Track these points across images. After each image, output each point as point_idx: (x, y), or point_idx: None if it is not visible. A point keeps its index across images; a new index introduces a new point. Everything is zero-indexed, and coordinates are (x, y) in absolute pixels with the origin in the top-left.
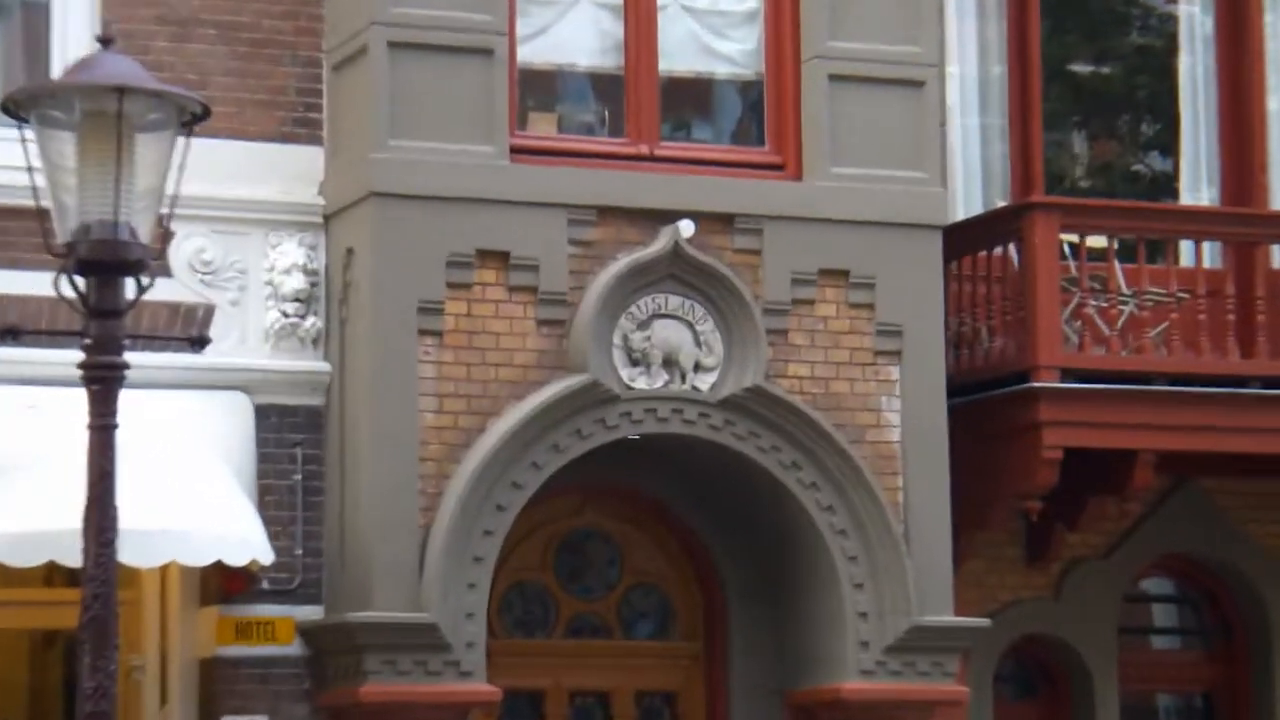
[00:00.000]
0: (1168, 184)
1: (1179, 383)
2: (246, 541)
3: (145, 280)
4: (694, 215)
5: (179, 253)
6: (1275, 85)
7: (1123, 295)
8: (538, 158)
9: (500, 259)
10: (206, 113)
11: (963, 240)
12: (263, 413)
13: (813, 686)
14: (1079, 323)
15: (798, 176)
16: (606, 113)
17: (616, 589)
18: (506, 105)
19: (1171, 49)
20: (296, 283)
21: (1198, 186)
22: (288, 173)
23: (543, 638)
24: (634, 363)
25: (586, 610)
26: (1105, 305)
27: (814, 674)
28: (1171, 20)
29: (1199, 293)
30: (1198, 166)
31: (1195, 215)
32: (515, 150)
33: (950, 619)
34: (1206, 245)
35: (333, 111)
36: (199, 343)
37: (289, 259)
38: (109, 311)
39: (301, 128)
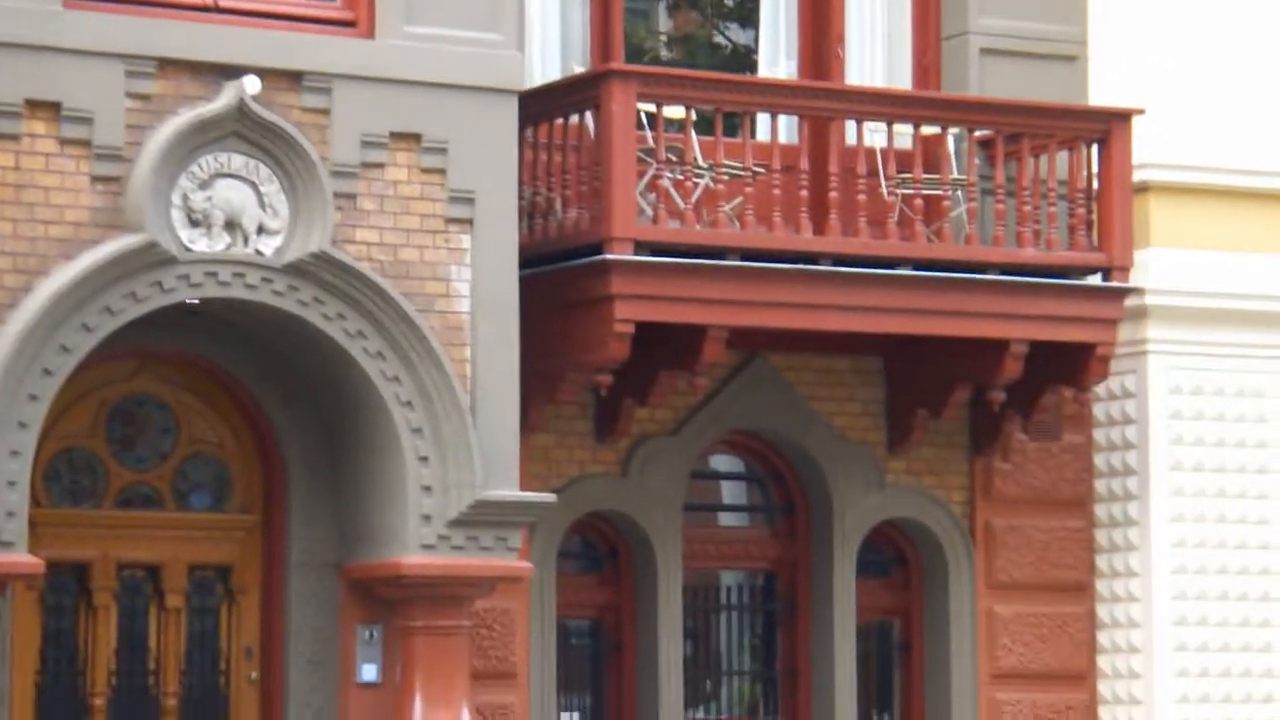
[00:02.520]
0: (748, 56)
1: (752, 258)
2: None
3: None
4: (260, 71)
5: None
6: None
7: (698, 168)
8: (93, 4)
9: (51, 110)
10: None
11: (539, 107)
12: None
13: (372, 561)
14: (654, 195)
15: (370, 34)
16: None
17: (171, 458)
18: None
19: None
20: None
21: (777, 60)
22: None
23: (91, 508)
24: (194, 224)
25: (138, 480)
26: (681, 178)
27: (374, 548)
28: None
29: (774, 167)
30: (777, 39)
31: (772, 88)
32: None
33: (515, 494)
34: (783, 120)
35: None
36: None
37: None
38: None
39: None
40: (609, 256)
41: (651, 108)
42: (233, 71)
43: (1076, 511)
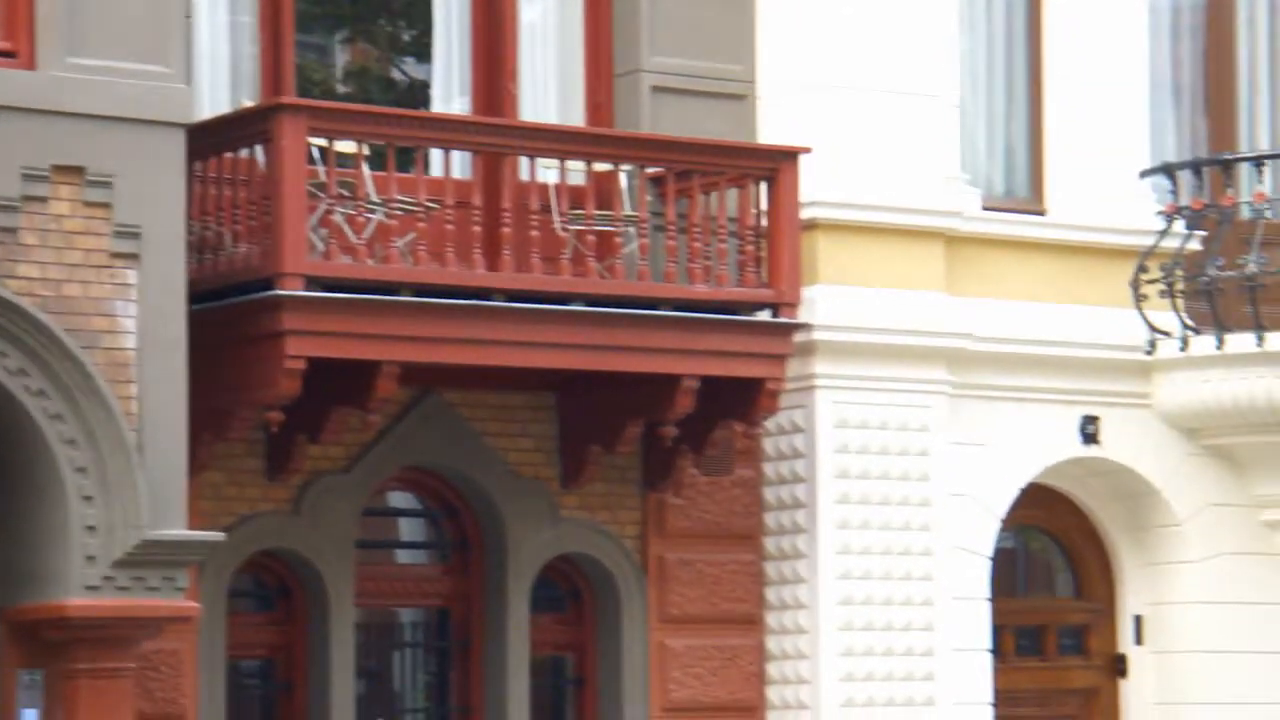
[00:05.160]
0: (423, 92)
1: (425, 294)
2: None
3: None
4: None
5: None
6: None
7: (371, 203)
8: None
9: None
10: None
11: (209, 140)
12: None
13: (34, 603)
14: (326, 230)
15: (31, 65)
16: None
17: None
18: None
19: None
20: None
21: (451, 96)
22: None
23: None
24: None
25: None
26: (353, 213)
27: (36, 590)
28: None
29: (447, 203)
30: (450, 75)
31: (445, 124)
32: None
33: (183, 533)
34: (456, 155)
35: None
36: None
37: None
38: None
39: None
40: (279, 292)
41: (323, 142)
42: None
43: (747, 545)
